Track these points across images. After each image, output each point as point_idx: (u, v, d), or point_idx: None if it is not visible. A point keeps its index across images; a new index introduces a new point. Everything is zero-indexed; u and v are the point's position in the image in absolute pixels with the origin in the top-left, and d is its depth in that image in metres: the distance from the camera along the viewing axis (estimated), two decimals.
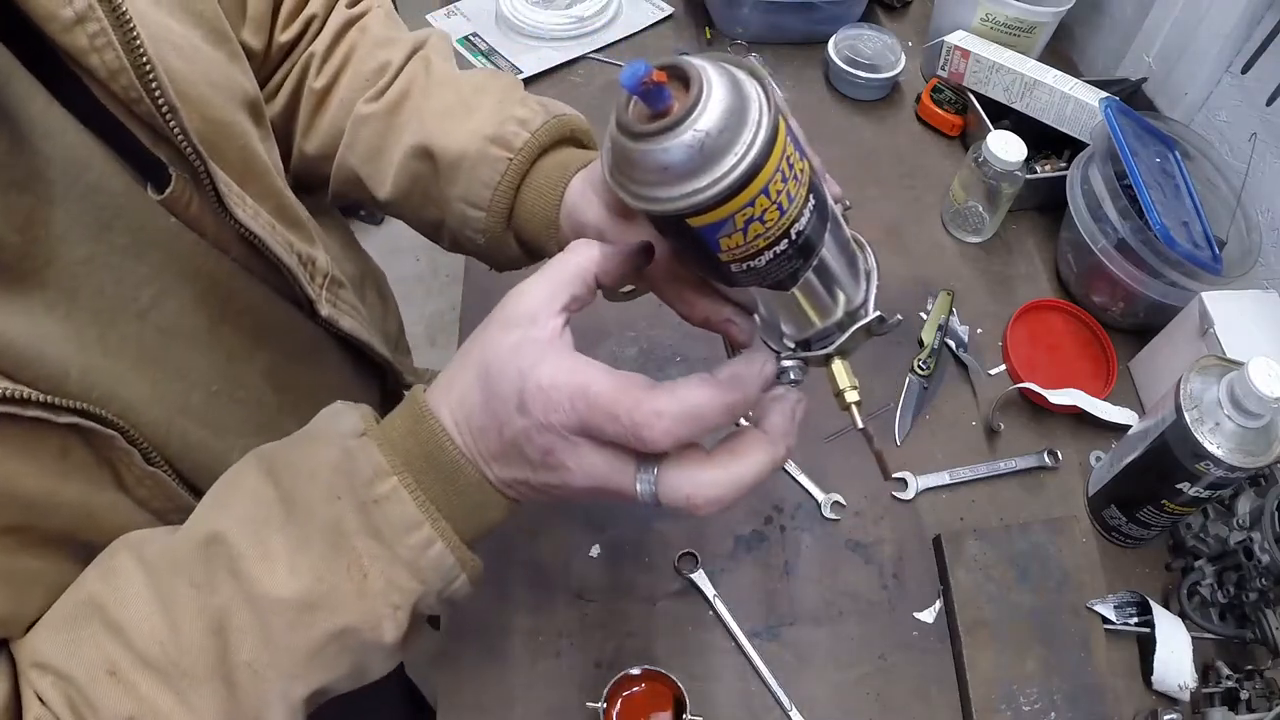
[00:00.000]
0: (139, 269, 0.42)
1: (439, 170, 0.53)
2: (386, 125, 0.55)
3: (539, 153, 0.52)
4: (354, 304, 0.61)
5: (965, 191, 0.93)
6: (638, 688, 0.65)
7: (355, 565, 0.38)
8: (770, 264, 0.35)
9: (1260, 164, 0.87)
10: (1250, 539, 0.67)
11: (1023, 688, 0.67)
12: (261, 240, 0.48)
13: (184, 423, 0.44)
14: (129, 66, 0.38)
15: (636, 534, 0.75)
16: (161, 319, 0.43)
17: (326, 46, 0.58)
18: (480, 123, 0.52)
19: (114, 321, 0.40)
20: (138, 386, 0.42)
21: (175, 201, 0.43)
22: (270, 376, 0.52)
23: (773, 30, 1.14)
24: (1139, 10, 1.05)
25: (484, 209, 0.52)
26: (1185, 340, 0.80)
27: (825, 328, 0.41)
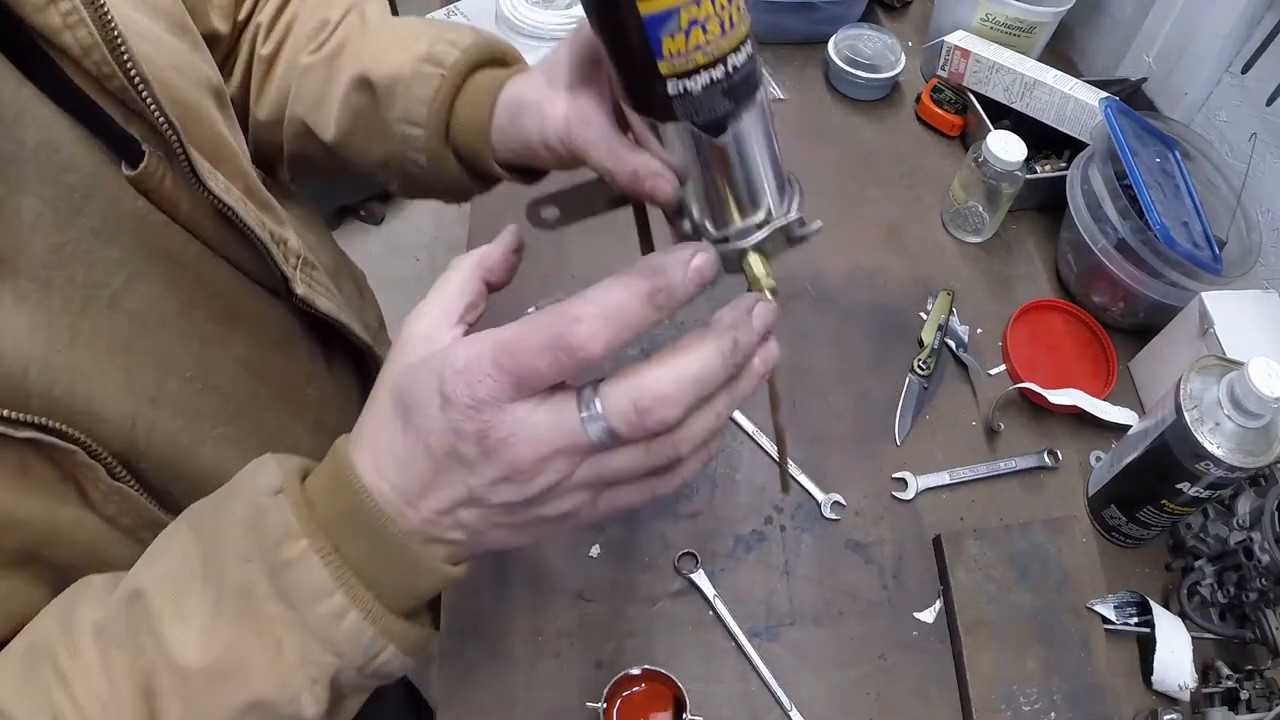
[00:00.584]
0: (109, 253, 0.41)
1: (378, 97, 0.54)
2: (328, 72, 0.56)
3: (471, 68, 0.53)
4: (329, 286, 0.60)
5: (965, 191, 0.93)
6: (638, 688, 0.65)
7: (268, 633, 0.35)
8: (705, 93, 0.35)
9: (1260, 164, 0.87)
10: (1250, 539, 0.67)
11: (1023, 688, 0.67)
12: (235, 213, 0.47)
13: (154, 413, 0.44)
14: (101, 42, 0.39)
15: (636, 534, 0.75)
16: (133, 304, 0.43)
17: (271, 16, 0.59)
18: (414, 49, 0.53)
19: (85, 309, 0.40)
20: (107, 377, 0.41)
21: (149, 178, 0.43)
22: (245, 365, 0.52)
23: (773, 30, 1.14)
24: (1139, 10, 1.05)
25: (422, 125, 0.53)
26: (1185, 340, 0.80)
27: (745, 225, 0.41)
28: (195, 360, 0.47)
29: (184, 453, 0.45)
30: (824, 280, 0.93)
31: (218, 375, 0.49)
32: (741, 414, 0.82)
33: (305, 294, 0.55)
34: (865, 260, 0.95)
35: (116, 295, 0.42)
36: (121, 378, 0.42)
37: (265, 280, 0.54)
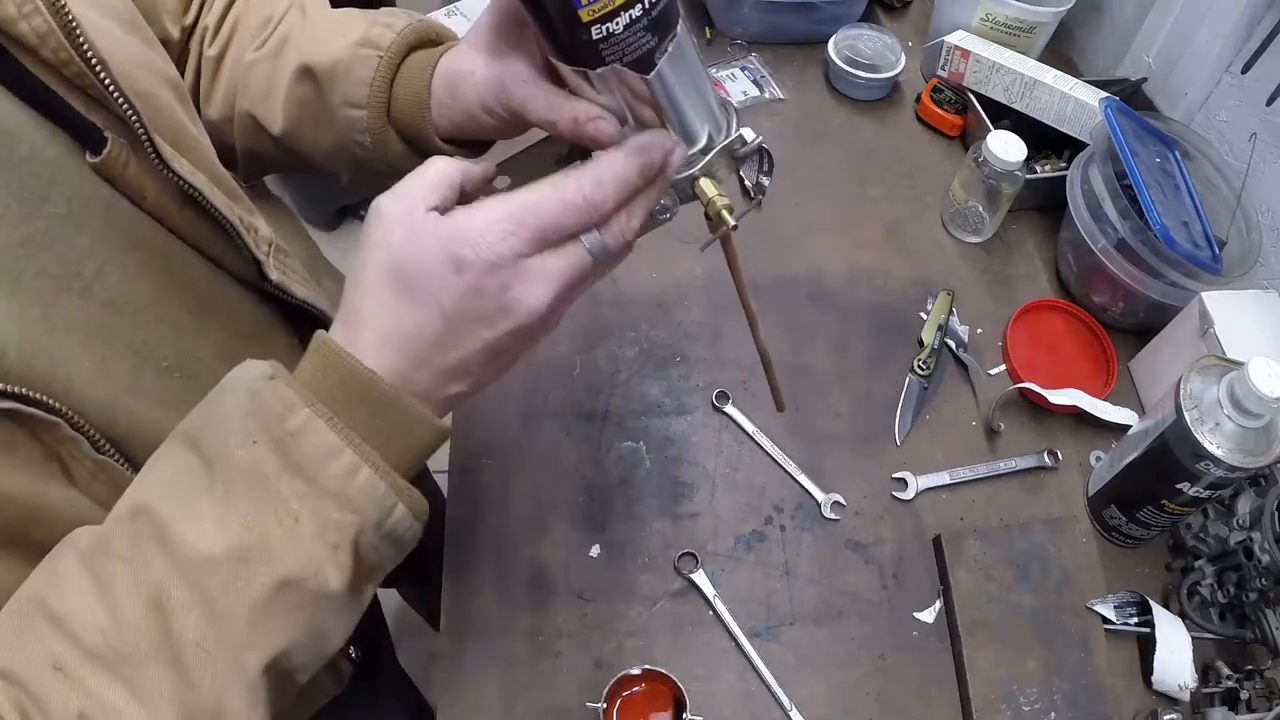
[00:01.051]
0: (79, 240, 0.41)
1: (320, 85, 0.55)
2: (272, 66, 0.57)
3: (406, 49, 0.54)
4: (304, 274, 0.60)
5: (965, 191, 0.93)
6: (638, 688, 0.66)
7: (284, 509, 0.36)
8: (628, 32, 0.37)
9: (1260, 164, 0.87)
10: (1250, 539, 0.67)
11: (1023, 688, 0.67)
12: (203, 195, 0.47)
13: (133, 402, 0.44)
14: (57, 28, 0.39)
15: (636, 534, 0.75)
16: (106, 292, 0.43)
17: (218, 18, 0.59)
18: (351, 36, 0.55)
19: (58, 299, 0.40)
20: (84, 365, 0.41)
21: (112, 164, 0.43)
22: (222, 354, 0.51)
23: (773, 30, 1.14)
24: (1139, 10, 1.05)
25: (364, 105, 0.54)
26: (1185, 340, 0.80)
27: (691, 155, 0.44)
28: (172, 349, 0.47)
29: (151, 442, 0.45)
30: (824, 280, 0.93)
31: (194, 365, 0.49)
32: (741, 414, 0.82)
33: (280, 280, 0.55)
34: (865, 260, 0.95)
35: (89, 283, 0.42)
36: (99, 366, 0.42)
37: (237, 269, 0.53)
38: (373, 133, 0.55)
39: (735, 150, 0.45)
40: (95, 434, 0.41)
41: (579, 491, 0.77)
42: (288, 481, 0.36)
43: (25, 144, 0.39)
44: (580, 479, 0.78)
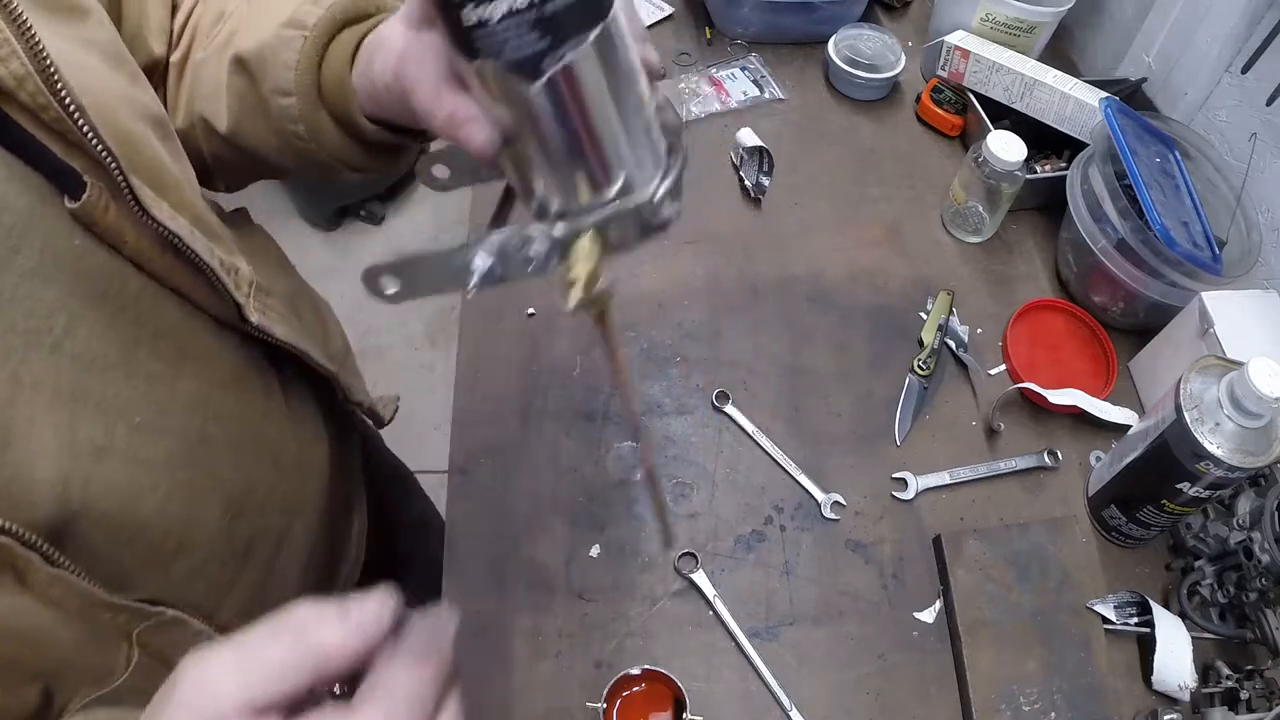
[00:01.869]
0: (48, 294, 0.40)
1: (253, 74, 0.51)
2: (218, 61, 0.53)
3: (337, 26, 0.50)
4: (284, 313, 0.58)
5: (965, 191, 0.93)
6: (638, 688, 0.66)
7: None
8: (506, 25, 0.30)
9: (1260, 164, 0.87)
10: (1250, 539, 0.67)
11: (1023, 688, 0.67)
12: (182, 240, 0.46)
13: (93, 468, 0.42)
14: (34, 72, 0.38)
15: (636, 534, 0.75)
16: (76, 348, 0.41)
17: (181, 23, 0.57)
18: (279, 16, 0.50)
19: (27, 356, 0.39)
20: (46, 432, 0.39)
21: (91, 209, 0.41)
22: (197, 406, 0.49)
23: (773, 30, 1.14)
24: (1139, 10, 1.05)
25: (292, 92, 0.49)
26: (1185, 340, 0.80)
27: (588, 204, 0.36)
28: (144, 403, 0.45)
29: (128, 505, 0.44)
30: (824, 280, 0.93)
31: (168, 419, 0.47)
32: (742, 414, 0.82)
33: (260, 321, 0.53)
34: (865, 260, 0.95)
35: (59, 339, 0.40)
36: (65, 429, 0.40)
37: (217, 311, 0.52)
38: (305, 121, 0.50)
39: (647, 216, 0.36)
40: (47, 547, 0.39)
41: (579, 491, 0.77)
42: None
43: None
44: (580, 479, 0.78)
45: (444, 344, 2.09)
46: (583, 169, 0.35)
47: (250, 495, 0.54)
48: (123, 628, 0.44)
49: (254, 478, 0.55)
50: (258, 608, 0.54)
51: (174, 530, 0.47)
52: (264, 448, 0.56)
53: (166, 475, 0.46)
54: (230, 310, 0.52)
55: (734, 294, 0.92)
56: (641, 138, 0.36)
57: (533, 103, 0.33)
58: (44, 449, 0.39)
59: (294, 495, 0.60)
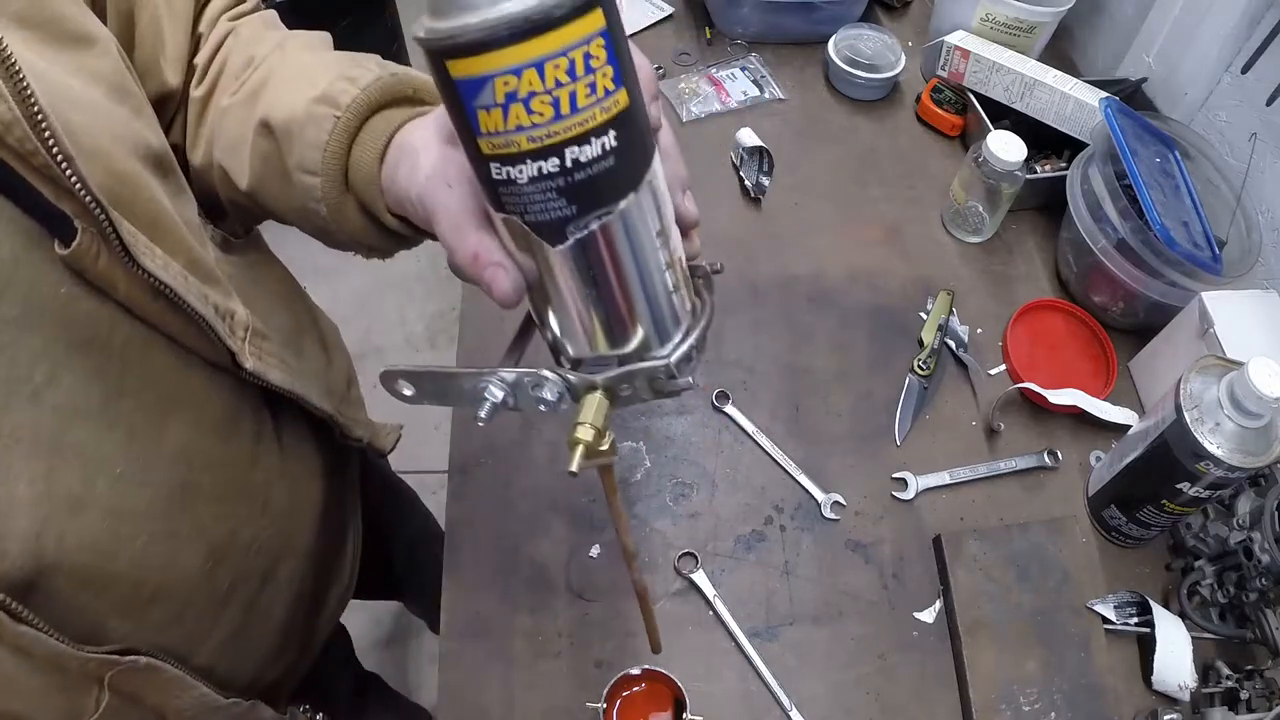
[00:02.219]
0: (32, 343, 0.39)
1: (279, 143, 0.49)
2: (245, 114, 0.51)
3: (371, 109, 0.47)
4: (283, 357, 0.57)
5: (965, 191, 0.93)
6: (637, 688, 0.65)
7: None
8: (534, 186, 0.30)
9: (1260, 164, 0.87)
10: (1250, 539, 0.67)
11: (1023, 688, 0.67)
12: (174, 290, 0.45)
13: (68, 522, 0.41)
14: (21, 118, 0.36)
15: (637, 534, 0.75)
16: (57, 398, 0.40)
17: (207, 57, 0.55)
18: (313, 89, 0.48)
19: (8, 406, 0.38)
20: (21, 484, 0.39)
21: (82, 256, 0.40)
22: (181, 456, 0.48)
23: (773, 30, 1.14)
24: (1139, 10, 1.05)
25: (317, 173, 0.48)
26: (1185, 340, 0.80)
27: (605, 356, 0.36)
28: (126, 454, 0.44)
29: (104, 557, 0.43)
30: (824, 280, 0.93)
31: (150, 470, 0.46)
32: (742, 414, 0.82)
33: (256, 367, 0.52)
34: (865, 260, 0.95)
35: (39, 390, 0.39)
36: (42, 481, 0.40)
37: (210, 356, 0.50)
38: (328, 202, 0.48)
39: (660, 381, 0.36)
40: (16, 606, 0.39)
41: (579, 492, 0.77)
42: None
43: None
44: (580, 479, 0.78)
45: (444, 344, 2.09)
46: (600, 324, 0.36)
47: (234, 540, 0.54)
48: (93, 673, 0.44)
49: (239, 524, 0.54)
50: (238, 646, 0.55)
51: (150, 580, 0.46)
52: (252, 493, 0.56)
53: (146, 525, 0.45)
54: (224, 356, 0.51)
55: (734, 294, 0.92)
56: (663, 298, 0.36)
57: (555, 260, 0.33)
58: (18, 501, 0.38)
59: (281, 537, 0.59)
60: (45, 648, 0.41)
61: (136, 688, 0.46)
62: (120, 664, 0.45)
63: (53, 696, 0.43)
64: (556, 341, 0.38)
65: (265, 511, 0.57)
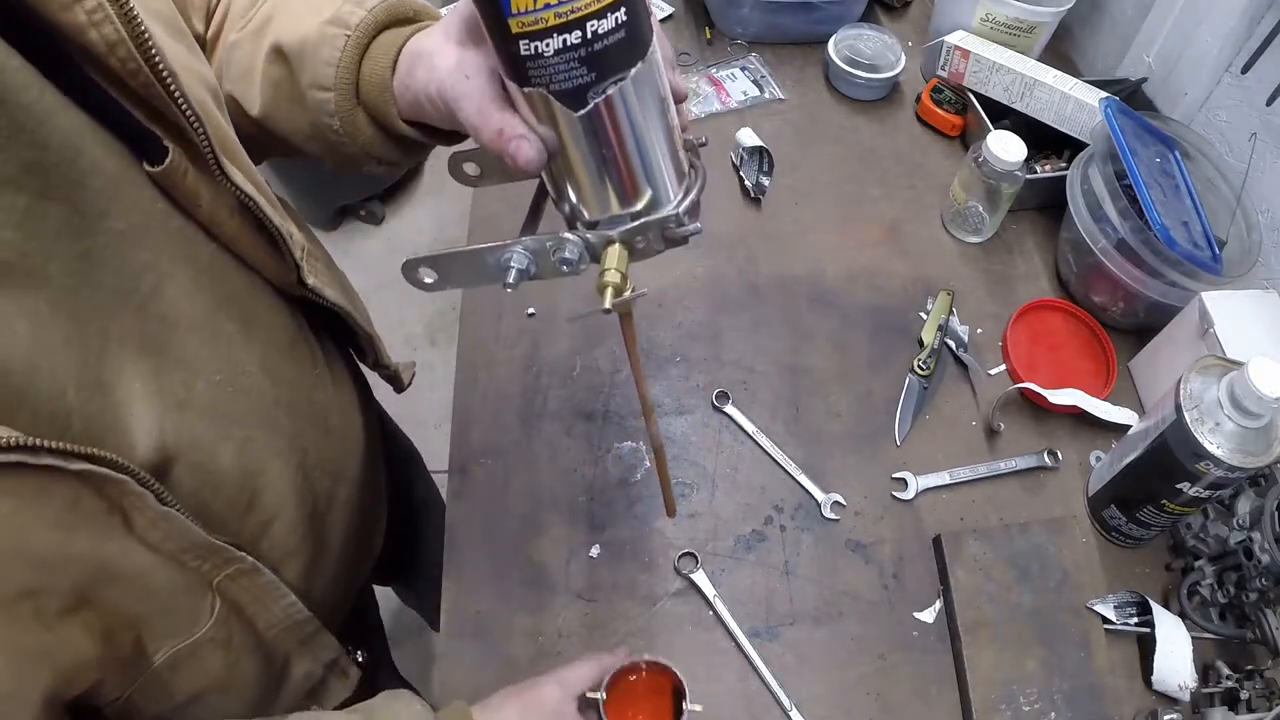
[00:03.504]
0: (138, 256, 0.41)
1: (291, 65, 0.53)
2: (253, 46, 0.55)
3: (378, 28, 0.52)
4: (331, 275, 0.61)
5: (965, 191, 0.93)
6: (636, 677, 0.65)
7: None
8: (559, 59, 0.35)
9: (1260, 164, 0.87)
10: (1250, 539, 0.67)
11: (1023, 688, 0.67)
12: (256, 203, 0.48)
13: (180, 418, 0.44)
14: (127, 38, 0.38)
15: (636, 534, 0.75)
16: (161, 308, 0.43)
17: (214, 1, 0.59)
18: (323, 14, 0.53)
19: (115, 315, 0.40)
20: (135, 383, 0.41)
21: (173, 173, 0.43)
22: (266, 370, 0.52)
23: (773, 30, 1.14)
24: (1139, 10, 1.05)
25: (331, 88, 0.52)
26: (1185, 340, 0.80)
27: (619, 214, 0.41)
28: (221, 362, 0.48)
29: (209, 456, 0.46)
30: (824, 280, 0.93)
31: (243, 378, 0.50)
32: (742, 414, 0.82)
33: (315, 283, 0.56)
34: (865, 260, 0.95)
35: (145, 300, 0.42)
36: (151, 382, 0.42)
37: (275, 276, 0.54)
38: (341, 115, 0.53)
39: (670, 229, 0.42)
40: (158, 486, 0.41)
41: (579, 491, 0.77)
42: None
43: (87, 158, 0.39)
44: (580, 479, 0.78)
45: (444, 344, 2.08)
46: (615, 184, 0.40)
47: (307, 458, 0.56)
48: (206, 576, 0.46)
49: (309, 442, 0.57)
50: (311, 567, 0.58)
51: (247, 485, 0.49)
52: (315, 414, 0.59)
53: (240, 430, 0.48)
54: (289, 274, 0.54)
55: (734, 294, 0.92)
56: (668, 158, 0.41)
57: (576, 126, 0.38)
58: (137, 396, 0.41)
59: (339, 461, 0.63)
60: (176, 538, 0.43)
61: (239, 594, 0.49)
62: (232, 561, 0.47)
63: (177, 597, 0.45)
64: (574, 209, 0.42)
65: (327, 434, 0.60)
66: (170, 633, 0.46)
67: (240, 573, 0.49)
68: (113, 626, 0.41)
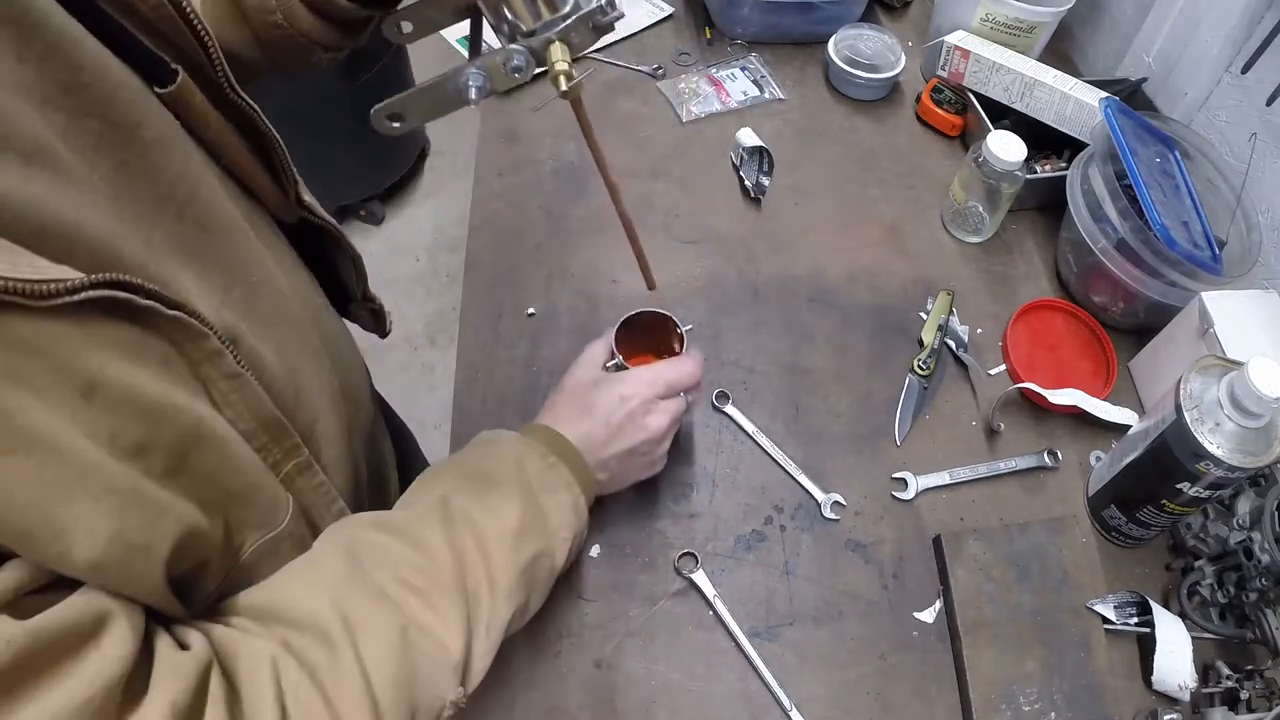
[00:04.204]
0: (172, 164, 0.43)
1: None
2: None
3: None
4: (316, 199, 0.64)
5: (965, 191, 0.93)
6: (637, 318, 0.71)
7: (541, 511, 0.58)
8: None
9: (1260, 164, 0.87)
10: (1250, 539, 0.67)
11: (1023, 688, 0.67)
12: (260, 116, 0.51)
13: (229, 314, 0.45)
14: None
15: (636, 534, 0.75)
16: (198, 213, 0.45)
17: None
18: None
19: (156, 221, 0.41)
20: (186, 281, 0.42)
21: (182, 93, 0.44)
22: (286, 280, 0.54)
23: (773, 30, 1.14)
24: (1139, 10, 1.05)
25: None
26: (1185, 340, 0.80)
27: (551, 19, 0.46)
28: (255, 265, 0.50)
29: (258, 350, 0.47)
30: (824, 280, 0.93)
31: (275, 280, 0.52)
32: (742, 414, 0.82)
33: (310, 201, 0.59)
34: (865, 260, 0.95)
35: (182, 205, 0.43)
36: (198, 281, 0.43)
37: (271, 200, 0.56)
38: (282, 9, 0.56)
39: (597, 19, 0.47)
40: (231, 347, 0.43)
41: None
42: (545, 496, 0.59)
43: (115, 75, 0.40)
44: None
45: (444, 344, 2.09)
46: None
47: (330, 376, 0.58)
48: (275, 466, 0.48)
49: (328, 356, 0.58)
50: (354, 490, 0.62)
51: (290, 381, 0.50)
52: (328, 334, 0.60)
53: (277, 330, 0.50)
54: (287, 195, 0.57)
55: (734, 294, 0.92)
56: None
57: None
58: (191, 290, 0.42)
59: (355, 389, 0.65)
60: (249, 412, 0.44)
61: (303, 494, 0.51)
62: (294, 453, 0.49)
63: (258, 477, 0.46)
64: (511, 26, 0.47)
65: (340, 357, 0.62)
66: (255, 523, 0.46)
67: (299, 469, 0.50)
68: (208, 500, 0.42)
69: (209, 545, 0.43)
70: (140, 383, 0.37)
